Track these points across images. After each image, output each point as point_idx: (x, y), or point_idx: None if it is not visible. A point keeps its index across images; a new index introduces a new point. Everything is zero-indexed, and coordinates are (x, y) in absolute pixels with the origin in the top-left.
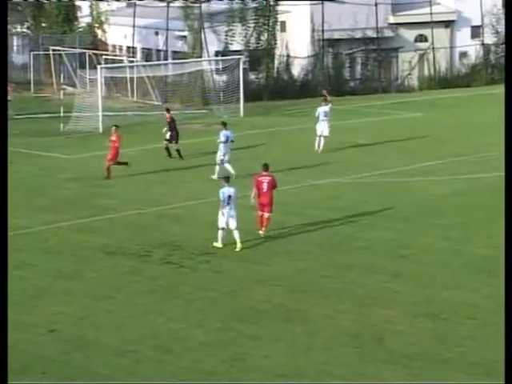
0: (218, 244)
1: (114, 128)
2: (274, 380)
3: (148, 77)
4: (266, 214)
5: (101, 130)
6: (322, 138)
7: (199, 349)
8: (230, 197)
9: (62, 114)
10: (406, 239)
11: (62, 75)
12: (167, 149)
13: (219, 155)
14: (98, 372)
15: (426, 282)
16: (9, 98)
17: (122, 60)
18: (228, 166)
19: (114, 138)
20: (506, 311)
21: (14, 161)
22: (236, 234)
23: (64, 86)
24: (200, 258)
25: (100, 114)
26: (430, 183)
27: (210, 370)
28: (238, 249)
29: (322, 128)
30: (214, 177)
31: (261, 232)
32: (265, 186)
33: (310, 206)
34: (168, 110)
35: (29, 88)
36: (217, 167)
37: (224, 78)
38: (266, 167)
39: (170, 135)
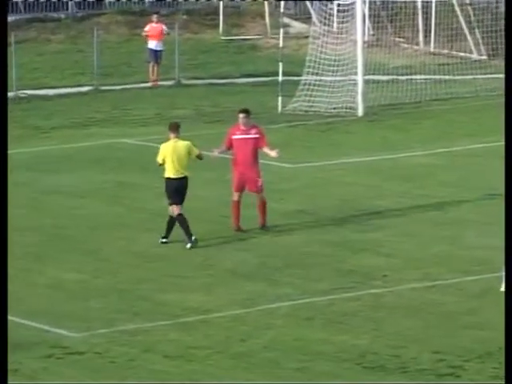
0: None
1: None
2: None
3: (462, 5)
4: None
5: (360, 112)
6: None
7: None
8: None
9: (280, 78)
10: None
11: None
12: None
13: None
14: None
15: None
16: (156, 46)
17: None
18: None
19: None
20: (506, 311)
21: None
22: None
23: (286, 20)
24: None
25: (360, 78)
26: None
27: None
28: None
29: None
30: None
31: None
32: None
33: None
34: None
35: (213, 24)
36: None
37: None
38: None
39: None
